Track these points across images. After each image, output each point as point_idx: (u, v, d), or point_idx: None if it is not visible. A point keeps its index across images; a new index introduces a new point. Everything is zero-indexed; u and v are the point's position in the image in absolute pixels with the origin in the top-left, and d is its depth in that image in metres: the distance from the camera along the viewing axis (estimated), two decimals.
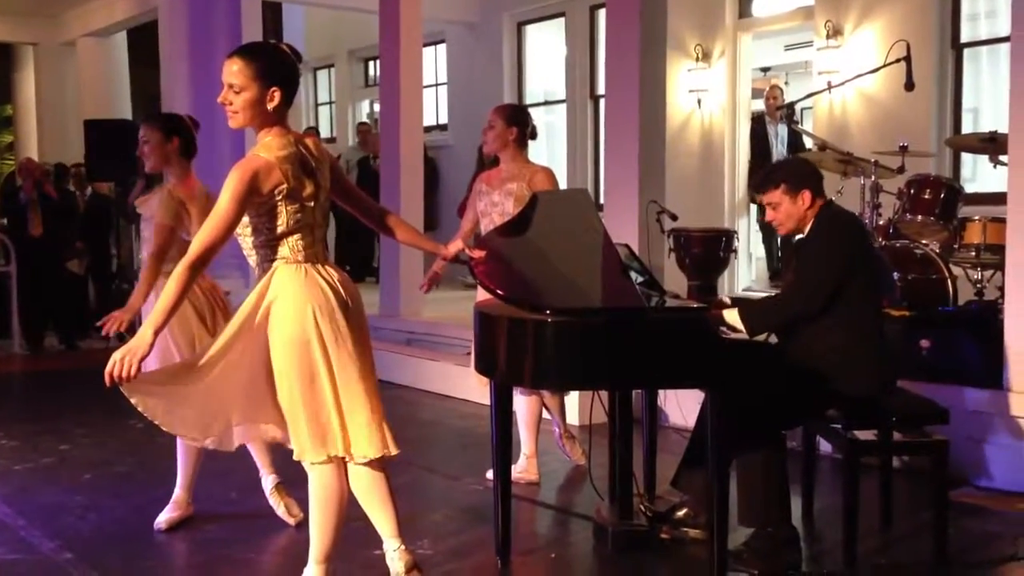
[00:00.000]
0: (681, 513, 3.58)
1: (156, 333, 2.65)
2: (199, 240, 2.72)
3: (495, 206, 4.43)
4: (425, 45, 9.17)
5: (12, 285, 8.45)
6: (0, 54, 13.49)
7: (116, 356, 2.59)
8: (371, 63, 12.68)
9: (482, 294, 3.92)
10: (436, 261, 4.36)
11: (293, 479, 3.60)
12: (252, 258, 2.90)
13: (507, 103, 6.61)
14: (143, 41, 12.95)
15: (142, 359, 2.61)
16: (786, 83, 10.02)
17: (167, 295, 2.68)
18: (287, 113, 2.89)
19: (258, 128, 2.86)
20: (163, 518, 3.84)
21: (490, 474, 4.04)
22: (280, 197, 2.76)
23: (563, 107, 10.19)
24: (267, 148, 2.79)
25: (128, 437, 5.55)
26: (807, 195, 3.46)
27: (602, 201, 6.58)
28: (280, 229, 2.80)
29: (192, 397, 2.87)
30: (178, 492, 3.90)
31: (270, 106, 2.80)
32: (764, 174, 3.67)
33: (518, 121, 4.46)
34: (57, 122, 12.04)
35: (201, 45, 9.16)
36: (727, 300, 3.76)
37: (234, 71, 2.79)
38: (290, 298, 2.80)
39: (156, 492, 4.38)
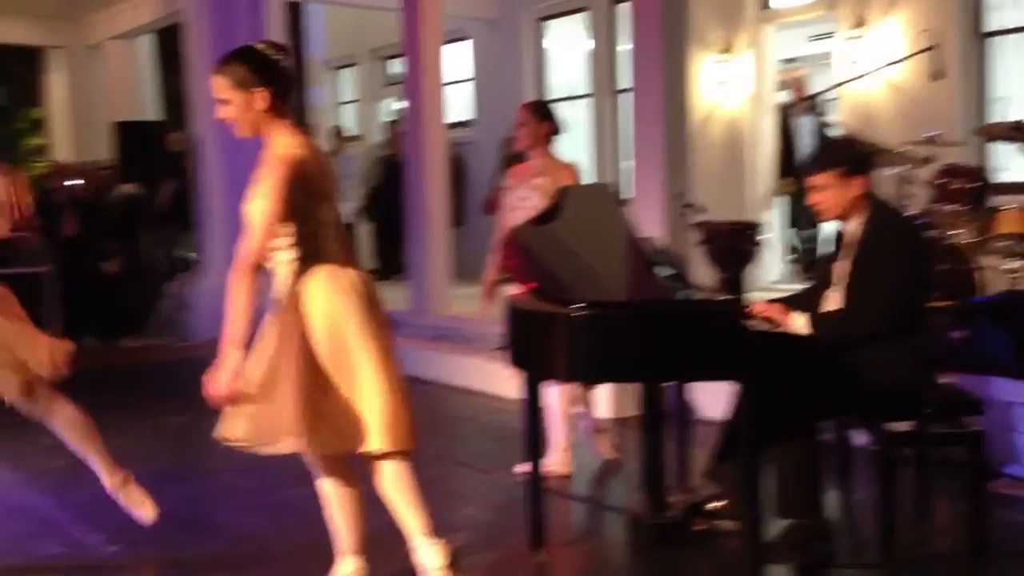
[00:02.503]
0: (715, 505, 3.61)
1: (240, 346, 2.73)
2: (253, 242, 2.76)
3: (523, 200, 4.48)
4: (450, 42, 9.23)
5: (48, 285, 8.58)
6: (30, 58, 13.67)
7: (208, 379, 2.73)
8: (393, 61, 12.74)
9: (513, 288, 3.96)
10: (490, 271, 4.50)
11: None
12: (274, 258, 2.91)
13: (536, 100, 6.65)
14: (171, 43, 13.09)
15: (233, 376, 2.72)
16: (810, 74, 9.97)
17: (237, 306, 2.74)
18: (288, 111, 2.92)
19: (264, 133, 2.90)
20: None
21: (521, 467, 4.09)
22: (304, 194, 2.81)
23: (584, 102, 10.21)
24: (283, 147, 2.83)
25: (165, 433, 5.66)
26: (862, 182, 3.36)
27: (626, 195, 6.61)
28: (304, 227, 2.84)
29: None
30: None
31: (261, 108, 2.84)
32: (818, 152, 3.59)
33: (548, 117, 4.55)
34: (87, 124, 12.18)
35: (225, 46, 9.14)
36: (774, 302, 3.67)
37: (217, 86, 2.86)
38: (318, 299, 2.84)
39: (194, 487, 4.47)
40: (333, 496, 3.06)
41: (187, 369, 7.83)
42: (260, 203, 2.77)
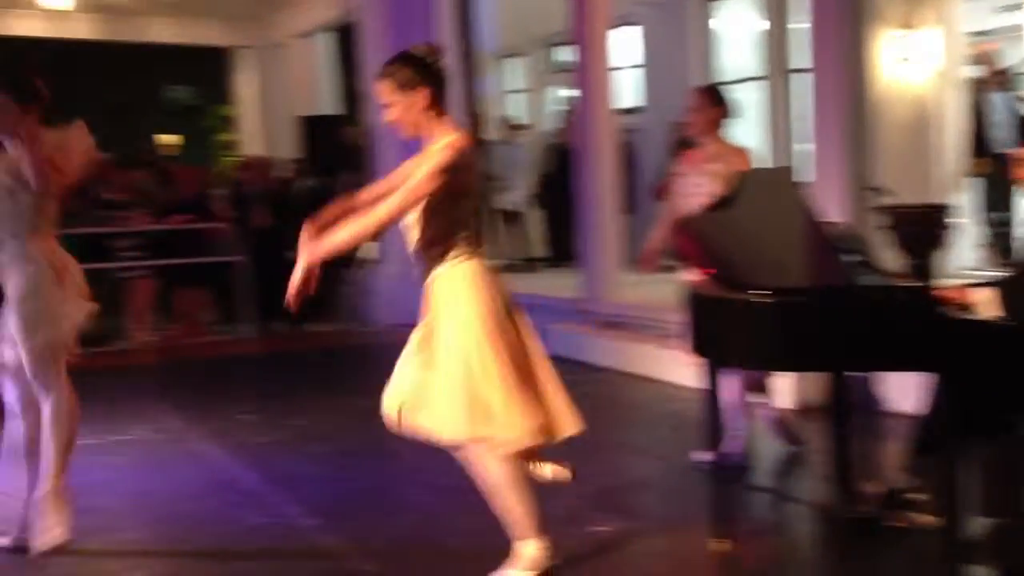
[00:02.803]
0: (911, 499, 3.49)
1: (325, 253, 3.02)
2: (393, 205, 2.96)
3: (696, 187, 4.45)
4: (618, 27, 9.20)
5: (241, 273, 9.14)
6: (219, 58, 14.54)
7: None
8: (561, 49, 12.80)
9: (692, 275, 3.95)
10: (652, 240, 4.49)
11: None
12: (420, 250, 3.12)
13: (708, 84, 6.56)
14: (349, 40, 13.62)
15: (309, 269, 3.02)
16: (1001, 48, 9.39)
17: (356, 234, 3.02)
18: (445, 109, 3.10)
19: (427, 131, 3.09)
20: None
21: (700, 455, 4.09)
22: (460, 183, 2.99)
23: (754, 85, 9.96)
24: (447, 139, 3.02)
25: (354, 413, 5.93)
26: None
27: (803, 178, 6.43)
28: (456, 215, 3.03)
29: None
30: None
31: (423, 108, 3.04)
32: None
33: (721, 101, 4.50)
34: (273, 119, 12.84)
35: (398, 41, 9.55)
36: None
37: (381, 90, 3.08)
38: (464, 288, 3.04)
39: (384, 465, 4.69)
40: (517, 479, 3.14)
41: (369, 354, 8.28)
42: (419, 174, 2.97)
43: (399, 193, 3.00)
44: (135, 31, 12.88)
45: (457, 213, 3.05)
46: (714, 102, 4.50)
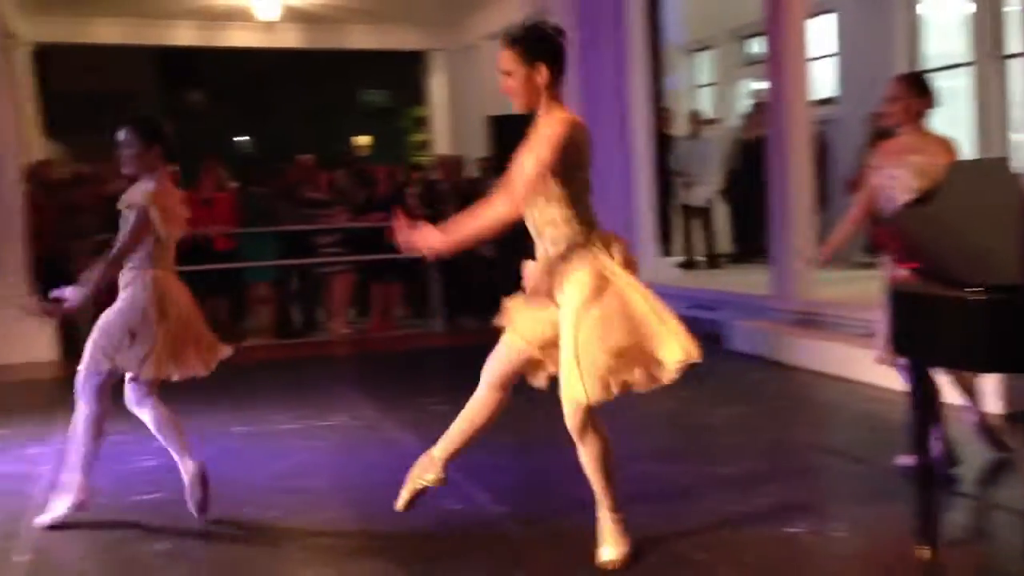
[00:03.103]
0: None
1: (450, 244, 3.14)
2: (521, 187, 2.99)
3: (893, 179, 4.24)
4: (814, 16, 8.90)
5: (432, 268, 9.44)
6: (415, 60, 15.07)
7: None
8: (753, 41, 12.50)
9: (896, 271, 3.79)
10: (838, 232, 4.33)
11: None
12: (544, 231, 3.16)
13: (909, 72, 6.24)
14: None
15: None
16: None
17: (477, 223, 3.11)
18: (561, 91, 3.10)
19: (540, 107, 3.09)
20: None
21: (904, 458, 3.91)
22: (575, 159, 3.03)
23: (964, 71, 9.39)
24: (559, 115, 3.04)
25: (539, 405, 6.02)
26: None
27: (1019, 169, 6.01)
28: (570, 189, 3.06)
29: None
30: None
31: (540, 82, 3.04)
32: None
33: (925, 91, 4.26)
34: (464, 120, 13.19)
35: (587, 37, 9.61)
36: None
37: (503, 58, 3.08)
38: (597, 260, 3.12)
39: (562, 456, 4.75)
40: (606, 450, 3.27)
41: None
42: (534, 155, 2.99)
43: (518, 176, 3.02)
44: (336, 39, 13.55)
45: (573, 188, 3.07)
46: (916, 91, 4.26)
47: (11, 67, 9.65)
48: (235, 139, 29.85)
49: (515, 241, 10.71)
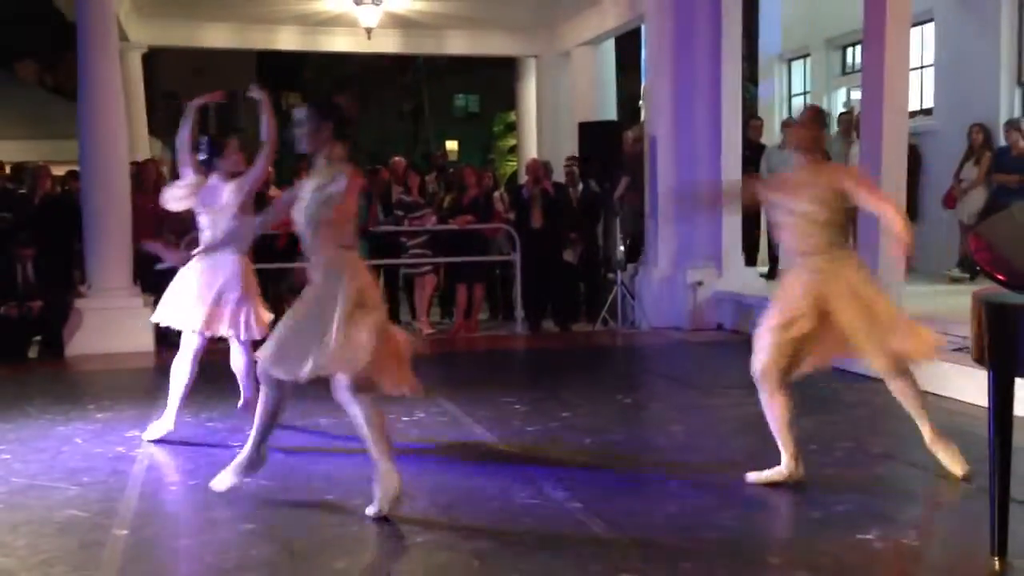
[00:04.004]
0: None
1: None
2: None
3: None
4: (912, 25, 8.74)
5: (516, 273, 9.56)
6: (507, 66, 15.23)
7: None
8: (849, 50, 12.32)
9: (986, 284, 3.74)
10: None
11: None
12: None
13: None
14: (627, 47, 13.84)
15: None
16: None
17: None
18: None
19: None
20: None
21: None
22: None
23: None
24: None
25: (618, 410, 6.10)
26: None
27: None
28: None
29: None
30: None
31: None
32: None
33: None
34: (553, 126, 13.28)
35: (683, 44, 9.61)
36: None
37: None
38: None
39: (645, 459, 4.80)
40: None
41: (632, 355, 8.40)
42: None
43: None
44: (433, 44, 13.79)
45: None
46: None
47: (125, 70, 10.10)
48: None
49: (595, 252, 10.70)
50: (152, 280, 8.58)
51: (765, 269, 10.31)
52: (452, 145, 25.34)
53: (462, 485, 4.45)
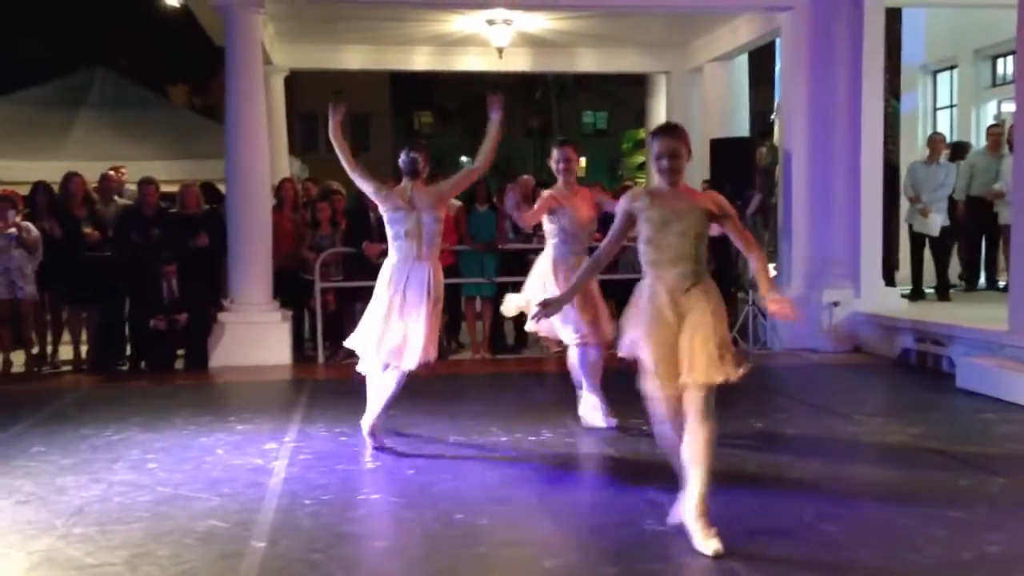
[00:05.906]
0: None
1: None
2: None
3: None
4: None
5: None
6: (636, 83, 15.12)
7: None
8: (1000, 61, 11.74)
9: None
10: None
11: None
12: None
13: None
14: (759, 61, 13.55)
15: None
16: None
17: None
18: None
19: None
20: None
21: None
22: None
23: None
24: None
25: (750, 436, 5.92)
26: None
27: None
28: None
29: None
30: None
31: None
32: None
33: None
34: None
35: (820, 57, 9.35)
36: None
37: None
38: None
39: (782, 487, 4.64)
40: None
41: (765, 377, 8.17)
42: None
43: None
44: (563, 62, 13.83)
45: None
46: None
47: (268, 92, 10.50)
48: (462, 159, 31.05)
49: (724, 270, 10.50)
50: (291, 296, 8.94)
51: (907, 289, 9.91)
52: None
53: (586, 508, 4.40)
